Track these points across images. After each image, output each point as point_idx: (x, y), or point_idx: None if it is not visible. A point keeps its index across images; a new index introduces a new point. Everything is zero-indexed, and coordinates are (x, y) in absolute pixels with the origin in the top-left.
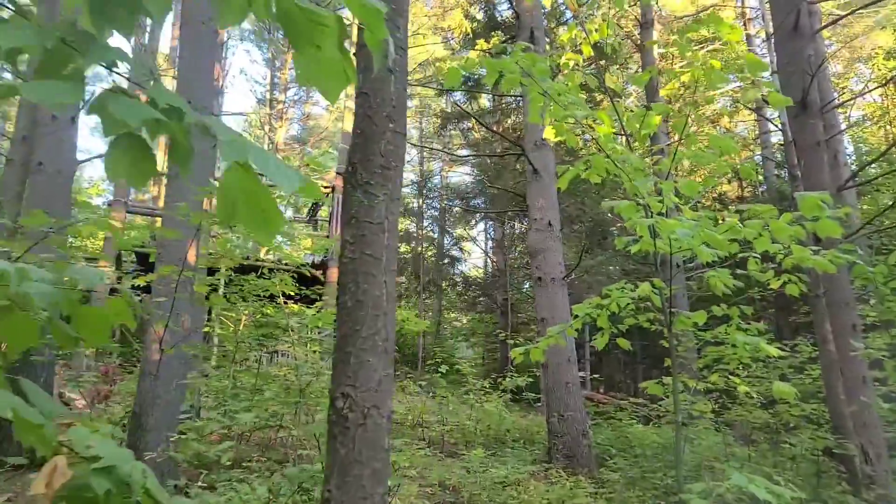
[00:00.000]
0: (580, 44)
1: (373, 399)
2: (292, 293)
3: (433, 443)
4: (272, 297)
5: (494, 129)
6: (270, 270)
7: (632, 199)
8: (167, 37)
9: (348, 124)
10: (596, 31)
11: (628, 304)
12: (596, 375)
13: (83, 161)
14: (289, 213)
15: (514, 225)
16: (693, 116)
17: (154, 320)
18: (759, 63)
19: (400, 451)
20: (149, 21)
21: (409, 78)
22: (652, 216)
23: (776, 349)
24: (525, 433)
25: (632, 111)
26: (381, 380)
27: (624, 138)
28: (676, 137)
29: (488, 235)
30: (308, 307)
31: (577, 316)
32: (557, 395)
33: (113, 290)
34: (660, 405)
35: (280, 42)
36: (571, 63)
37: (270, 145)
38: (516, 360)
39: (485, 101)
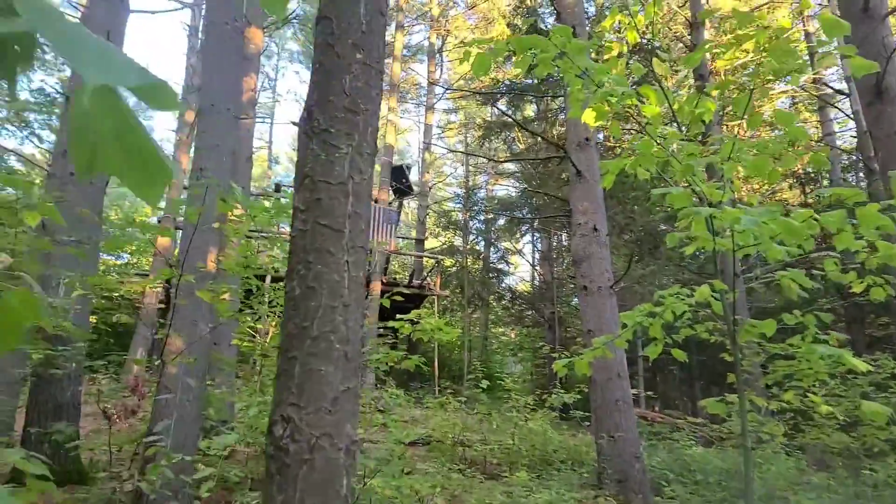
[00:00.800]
0: (624, 30)
1: (324, 424)
2: None
3: (474, 463)
4: None
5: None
6: None
7: (685, 188)
8: None
9: (390, 137)
10: (641, 12)
11: (685, 311)
12: (650, 393)
13: None
14: None
15: (560, 236)
16: (757, 90)
17: (168, 331)
18: (838, 24)
19: (427, 472)
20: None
21: (452, 91)
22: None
23: (864, 363)
24: (573, 454)
25: (683, 97)
26: (336, 397)
27: (676, 126)
28: (735, 120)
29: (535, 247)
30: None
31: (625, 325)
32: (607, 414)
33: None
34: (722, 426)
35: None
36: (615, 50)
37: None
38: (559, 373)
39: (529, 111)
